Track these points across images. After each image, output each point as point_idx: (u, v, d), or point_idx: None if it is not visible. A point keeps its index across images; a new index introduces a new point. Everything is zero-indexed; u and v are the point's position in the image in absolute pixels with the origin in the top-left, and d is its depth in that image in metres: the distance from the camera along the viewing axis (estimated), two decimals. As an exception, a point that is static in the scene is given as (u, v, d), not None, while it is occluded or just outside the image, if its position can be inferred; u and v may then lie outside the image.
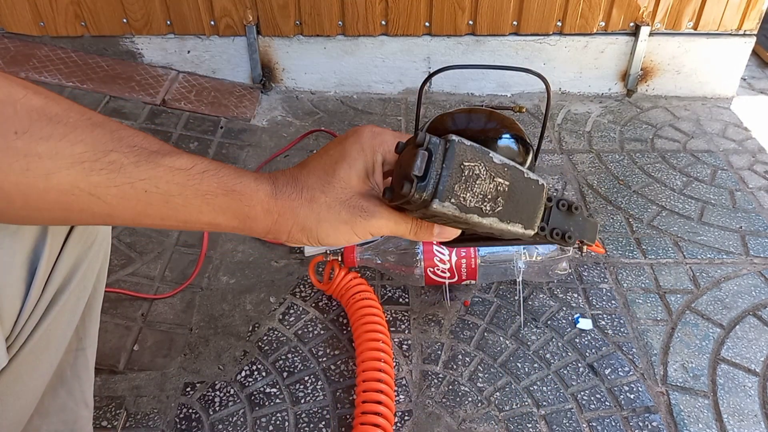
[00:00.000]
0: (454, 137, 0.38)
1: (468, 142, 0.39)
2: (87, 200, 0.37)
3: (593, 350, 0.99)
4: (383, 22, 1.58)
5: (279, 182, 0.42)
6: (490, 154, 0.39)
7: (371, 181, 0.44)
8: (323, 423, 0.88)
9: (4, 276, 0.44)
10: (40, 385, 0.55)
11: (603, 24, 1.60)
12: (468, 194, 0.39)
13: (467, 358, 0.98)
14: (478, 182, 0.39)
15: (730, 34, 1.62)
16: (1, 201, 0.35)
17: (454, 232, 0.46)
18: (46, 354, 0.52)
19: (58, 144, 0.35)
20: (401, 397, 0.92)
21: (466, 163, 0.38)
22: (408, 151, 0.40)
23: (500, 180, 0.40)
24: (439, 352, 0.99)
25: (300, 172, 0.43)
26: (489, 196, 0.39)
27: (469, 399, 0.92)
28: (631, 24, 1.60)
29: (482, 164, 0.39)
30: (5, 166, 0.34)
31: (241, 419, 0.89)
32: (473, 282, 1.05)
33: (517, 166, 0.41)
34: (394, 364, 0.95)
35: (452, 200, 0.38)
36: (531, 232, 0.43)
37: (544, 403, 0.91)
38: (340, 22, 1.58)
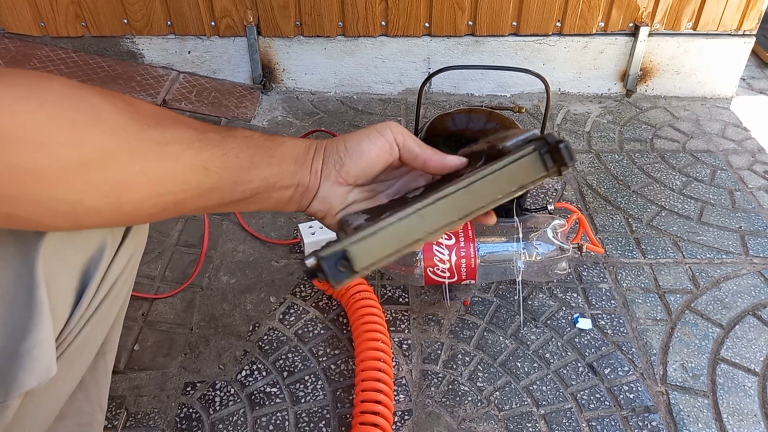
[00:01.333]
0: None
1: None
2: (203, 175, 0.43)
3: (593, 350, 1.00)
4: (383, 23, 1.58)
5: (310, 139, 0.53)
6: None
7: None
8: (323, 423, 0.88)
9: (61, 286, 0.46)
10: (69, 391, 0.55)
11: (602, 24, 1.60)
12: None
13: (467, 358, 0.98)
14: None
15: (730, 34, 1.62)
16: (142, 191, 0.41)
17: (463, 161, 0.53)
18: (79, 360, 0.53)
19: (177, 130, 0.42)
20: (401, 396, 0.92)
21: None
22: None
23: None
24: (439, 352, 0.99)
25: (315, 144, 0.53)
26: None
27: (469, 398, 0.92)
28: (631, 24, 1.60)
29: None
30: (149, 154, 0.40)
31: (242, 419, 0.89)
32: (473, 282, 1.05)
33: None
34: (394, 363, 0.95)
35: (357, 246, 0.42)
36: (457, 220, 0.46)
37: (544, 403, 0.92)
38: (340, 23, 1.58)
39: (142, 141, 0.40)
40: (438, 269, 1.02)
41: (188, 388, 0.93)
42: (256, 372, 0.95)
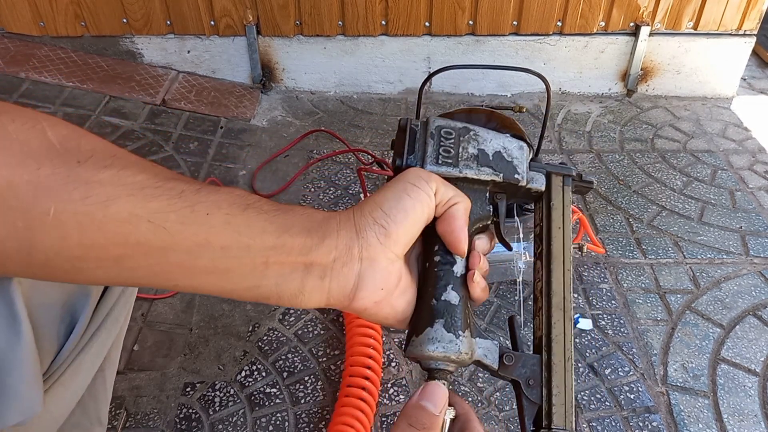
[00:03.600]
0: (432, 118, 0.44)
1: (441, 119, 0.44)
2: (145, 229, 0.34)
3: (593, 350, 0.99)
4: (383, 22, 1.58)
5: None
6: (461, 123, 0.44)
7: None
8: (323, 423, 0.88)
9: (45, 319, 0.44)
10: (65, 413, 0.54)
11: (603, 24, 1.60)
12: (452, 150, 0.43)
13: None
14: (459, 141, 0.43)
15: (731, 34, 1.62)
16: (55, 237, 0.33)
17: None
18: (74, 385, 0.52)
19: (120, 172, 0.34)
20: (401, 397, 0.92)
21: (444, 129, 0.43)
22: (399, 138, 0.44)
23: (476, 138, 0.44)
24: (439, 352, 0.99)
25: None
26: (473, 151, 0.43)
27: (469, 399, 0.92)
28: (631, 24, 1.60)
29: (456, 128, 0.44)
30: (65, 194, 0.33)
31: (241, 419, 0.89)
32: (473, 282, 1.05)
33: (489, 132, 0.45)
34: (395, 364, 0.95)
35: (441, 159, 0.42)
36: (524, 176, 0.44)
37: (544, 403, 0.91)
38: (340, 22, 1.58)
39: (59, 178, 0.33)
40: (438, 269, 1.01)
41: (188, 389, 0.93)
42: (255, 372, 0.95)
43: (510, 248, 0.46)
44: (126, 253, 0.35)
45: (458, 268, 0.41)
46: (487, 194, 0.43)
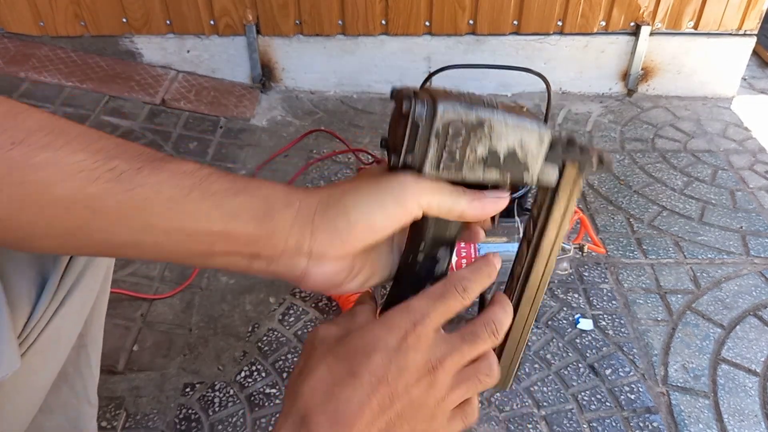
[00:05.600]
0: (441, 104, 0.36)
1: (452, 105, 0.37)
2: (84, 214, 0.33)
3: (594, 350, 0.99)
4: (383, 22, 1.58)
5: (296, 187, 0.38)
6: (475, 112, 0.37)
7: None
8: (323, 423, 0.88)
9: (16, 278, 0.44)
10: (46, 384, 0.55)
11: (603, 24, 1.60)
12: (458, 153, 0.36)
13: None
14: (468, 141, 0.37)
15: (731, 34, 1.61)
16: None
17: (504, 198, 0.40)
18: (52, 354, 0.53)
19: (57, 153, 0.33)
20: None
21: (452, 126, 0.36)
22: (395, 119, 0.38)
23: (490, 135, 0.37)
24: (439, 353, 0.99)
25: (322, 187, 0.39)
26: (482, 152, 0.37)
27: (470, 399, 0.92)
28: (632, 24, 1.60)
29: (468, 123, 0.37)
30: (3, 178, 0.32)
31: (241, 420, 0.88)
32: (473, 282, 1.05)
33: (509, 115, 0.38)
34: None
35: (442, 165, 0.36)
36: (534, 176, 0.39)
37: (545, 404, 0.91)
38: (340, 22, 1.57)
39: None
40: (438, 269, 1.01)
41: (187, 389, 0.92)
42: (255, 373, 0.95)
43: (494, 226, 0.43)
44: (69, 233, 0.34)
45: (440, 268, 0.40)
46: (489, 187, 0.40)
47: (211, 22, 1.57)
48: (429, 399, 0.35)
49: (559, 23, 1.59)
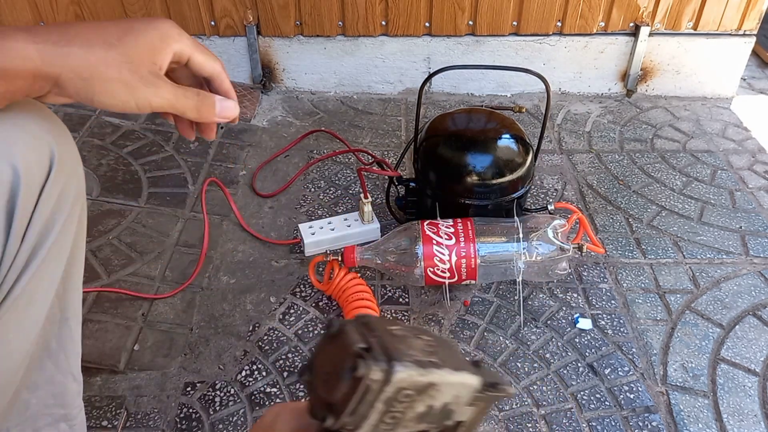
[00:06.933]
0: (397, 369, 0.33)
1: (406, 369, 0.34)
2: None
3: (593, 350, 0.99)
4: (383, 23, 1.58)
5: (38, 28, 0.41)
6: (428, 376, 0.35)
7: (158, 62, 0.46)
8: (323, 423, 0.88)
9: None
10: (24, 348, 0.54)
11: (603, 24, 1.60)
12: (398, 414, 0.35)
13: (467, 358, 0.98)
14: (411, 403, 0.35)
15: (730, 34, 1.62)
16: None
17: (234, 107, 0.51)
18: (27, 314, 0.53)
19: None
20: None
21: (403, 391, 0.34)
22: (326, 353, 0.36)
23: (433, 395, 0.36)
24: (439, 352, 0.99)
25: (73, 23, 0.44)
26: (420, 410, 0.36)
27: (469, 399, 0.92)
28: (631, 24, 1.60)
29: (418, 387, 0.35)
30: None
31: (242, 419, 0.89)
32: (473, 282, 1.05)
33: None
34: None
35: (381, 426, 0.35)
36: (477, 380, 0.37)
37: (544, 403, 0.92)
38: (340, 23, 1.58)
39: None
40: (438, 269, 1.02)
41: (188, 389, 0.93)
42: (256, 372, 0.95)
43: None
44: None
45: None
46: None
47: (212, 23, 1.57)
48: None
49: (559, 24, 1.59)
